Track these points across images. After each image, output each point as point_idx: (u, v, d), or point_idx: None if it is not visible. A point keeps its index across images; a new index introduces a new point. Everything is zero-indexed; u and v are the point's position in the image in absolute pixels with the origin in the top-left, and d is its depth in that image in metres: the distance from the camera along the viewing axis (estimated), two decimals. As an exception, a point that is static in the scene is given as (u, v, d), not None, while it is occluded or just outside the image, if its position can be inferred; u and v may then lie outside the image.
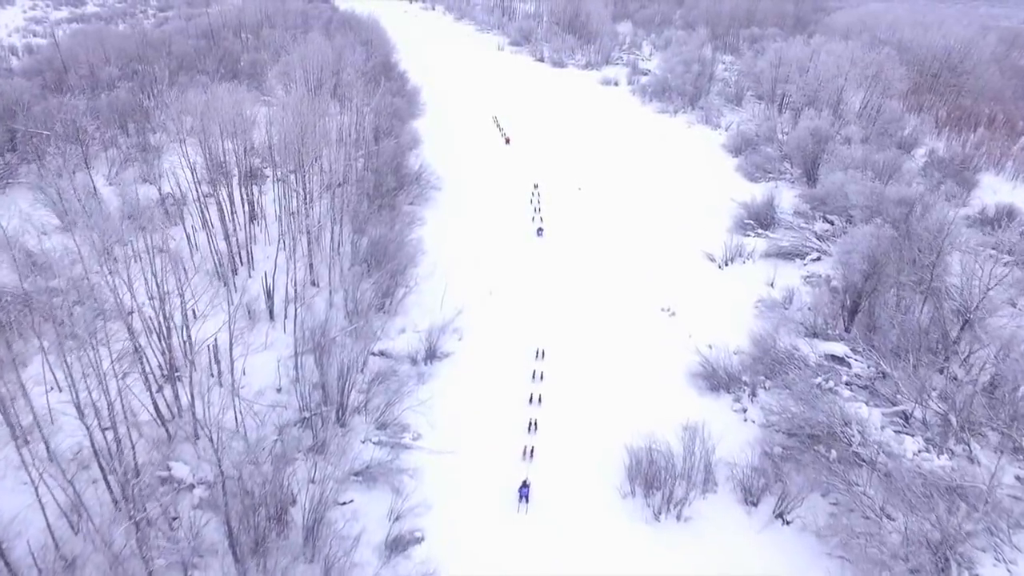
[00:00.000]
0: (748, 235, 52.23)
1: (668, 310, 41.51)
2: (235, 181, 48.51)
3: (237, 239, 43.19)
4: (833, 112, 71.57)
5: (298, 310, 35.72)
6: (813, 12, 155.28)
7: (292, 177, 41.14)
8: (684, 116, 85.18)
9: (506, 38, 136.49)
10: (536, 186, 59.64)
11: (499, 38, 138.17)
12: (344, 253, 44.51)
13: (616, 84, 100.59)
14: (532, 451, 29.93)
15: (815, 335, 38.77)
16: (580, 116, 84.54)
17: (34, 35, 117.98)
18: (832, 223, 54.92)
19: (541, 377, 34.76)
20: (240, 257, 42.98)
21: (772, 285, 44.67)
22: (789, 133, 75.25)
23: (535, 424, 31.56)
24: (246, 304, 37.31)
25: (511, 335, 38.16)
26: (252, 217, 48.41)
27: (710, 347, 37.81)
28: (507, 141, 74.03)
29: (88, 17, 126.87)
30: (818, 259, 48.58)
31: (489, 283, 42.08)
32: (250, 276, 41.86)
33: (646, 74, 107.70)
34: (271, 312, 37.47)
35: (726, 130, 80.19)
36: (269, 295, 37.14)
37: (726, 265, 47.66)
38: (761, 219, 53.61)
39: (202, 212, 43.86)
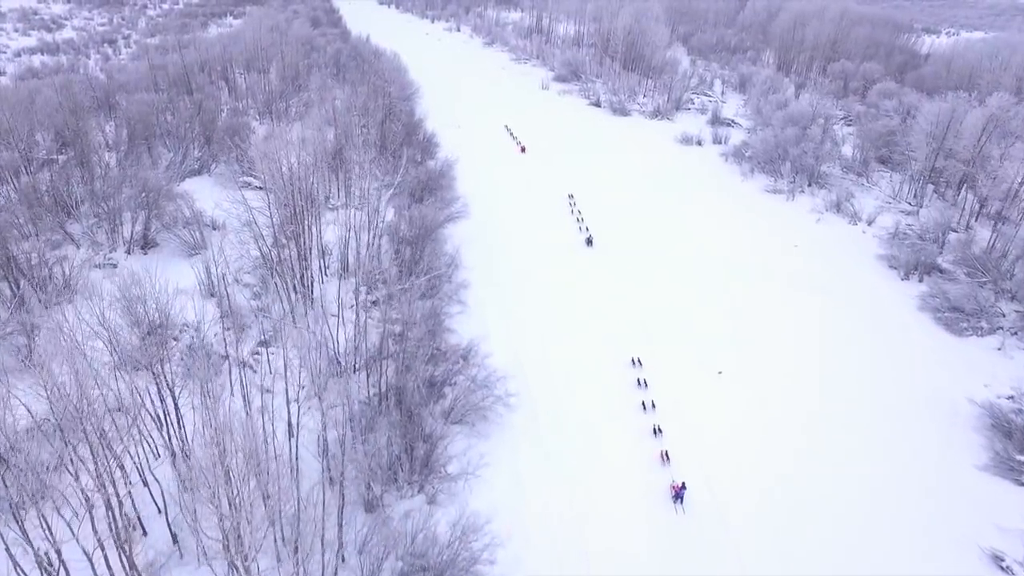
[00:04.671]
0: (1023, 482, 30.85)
1: None
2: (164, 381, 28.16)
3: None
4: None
5: None
6: (894, 34, 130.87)
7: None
8: (806, 200, 63.39)
9: (549, 71, 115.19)
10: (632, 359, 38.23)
11: (540, 71, 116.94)
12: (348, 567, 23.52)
13: (700, 143, 78.80)
14: None
15: None
16: (668, 200, 62.97)
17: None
18: None
19: None
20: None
21: None
22: (965, 235, 53.69)
23: None
24: None
25: None
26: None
27: None
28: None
29: (57, 46, 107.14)
30: None
31: None
32: None
33: (730, 125, 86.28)
34: None
35: (869, 224, 58.49)
36: None
37: (1034, 585, 26.10)
38: (1035, 446, 32.07)
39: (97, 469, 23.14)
